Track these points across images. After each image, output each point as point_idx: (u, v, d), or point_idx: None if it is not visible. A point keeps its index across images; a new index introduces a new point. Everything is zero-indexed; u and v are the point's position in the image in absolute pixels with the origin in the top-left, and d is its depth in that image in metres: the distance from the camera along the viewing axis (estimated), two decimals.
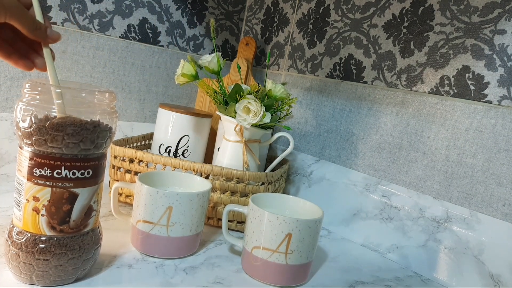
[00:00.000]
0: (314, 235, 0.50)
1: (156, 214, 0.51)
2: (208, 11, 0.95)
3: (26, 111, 0.38)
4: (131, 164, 0.66)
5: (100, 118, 0.41)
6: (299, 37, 0.89)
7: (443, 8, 0.64)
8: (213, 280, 0.49)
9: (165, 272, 0.49)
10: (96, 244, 0.44)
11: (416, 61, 0.67)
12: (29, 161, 0.39)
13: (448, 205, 0.62)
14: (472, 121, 0.60)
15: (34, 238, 0.39)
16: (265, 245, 0.50)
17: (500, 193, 0.57)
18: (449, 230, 0.60)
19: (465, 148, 0.61)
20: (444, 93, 0.64)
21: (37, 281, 0.40)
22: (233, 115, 0.66)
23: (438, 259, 0.61)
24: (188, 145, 0.75)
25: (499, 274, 0.55)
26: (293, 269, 0.50)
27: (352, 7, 0.78)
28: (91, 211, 0.42)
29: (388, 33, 0.72)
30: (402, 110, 0.69)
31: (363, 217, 0.71)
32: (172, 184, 0.60)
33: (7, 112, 0.73)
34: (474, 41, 0.60)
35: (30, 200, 0.39)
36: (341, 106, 0.79)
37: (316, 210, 0.55)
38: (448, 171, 0.63)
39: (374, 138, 0.73)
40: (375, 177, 0.72)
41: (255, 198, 0.55)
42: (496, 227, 0.56)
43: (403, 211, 0.66)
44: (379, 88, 0.73)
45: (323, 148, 0.82)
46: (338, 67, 0.80)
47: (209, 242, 0.60)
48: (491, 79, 0.58)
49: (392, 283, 0.58)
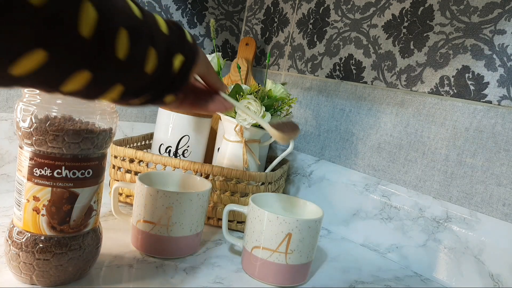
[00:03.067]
0: (314, 235, 0.50)
1: (156, 214, 0.51)
2: (208, 11, 0.95)
3: (26, 111, 0.38)
4: (131, 164, 0.66)
5: (100, 118, 0.41)
6: (299, 37, 0.89)
7: (443, 8, 0.64)
8: (213, 280, 0.49)
9: (165, 272, 0.49)
10: (96, 244, 0.44)
11: (416, 61, 0.67)
12: (30, 161, 0.39)
13: (448, 205, 0.62)
14: (472, 121, 0.60)
15: (34, 238, 0.39)
16: (265, 245, 0.50)
17: (500, 193, 0.57)
18: (449, 230, 0.60)
19: (465, 148, 0.61)
20: (444, 93, 0.64)
21: (37, 281, 0.40)
22: (233, 115, 0.66)
23: (438, 259, 0.61)
24: (188, 145, 0.76)
25: (499, 274, 0.55)
26: (293, 269, 0.50)
27: (352, 7, 0.78)
28: (91, 211, 0.42)
29: (388, 33, 0.72)
30: (402, 110, 0.69)
31: (363, 217, 0.71)
32: (172, 184, 0.60)
33: (7, 112, 0.73)
34: (474, 41, 0.60)
35: (30, 200, 0.39)
36: (341, 106, 0.79)
37: (316, 210, 0.55)
38: (448, 171, 0.63)
39: (374, 138, 0.73)
40: (375, 177, 0.72)
41: (255, 198, 0.55)
42: (496, 227, 0.56)
43: (403, 211, 0.66)
44: (379, 88, 0.73)
45: (323, 148, 0.82)
46: (338, 67, 0.80)
47: (209, 242, 0.60)
48: (491, 79, 0.58)
49: (392, 283, 0.58)
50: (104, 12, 0.26)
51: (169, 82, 0.35)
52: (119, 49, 0.28)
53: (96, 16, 0.25)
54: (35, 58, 0.23)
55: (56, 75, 0.25)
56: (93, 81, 0.27)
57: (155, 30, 0.32)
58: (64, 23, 0.23)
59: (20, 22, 0.21)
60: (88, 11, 0.24)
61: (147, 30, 0.31)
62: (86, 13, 0.24)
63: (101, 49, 0.26)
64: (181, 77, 0.35)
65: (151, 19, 0.32)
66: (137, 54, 0.30)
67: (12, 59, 0.22)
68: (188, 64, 0.35)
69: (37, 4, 0.21)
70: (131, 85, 0.31)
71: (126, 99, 0.32)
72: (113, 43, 0.27)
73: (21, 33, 0.21)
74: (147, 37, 0.30)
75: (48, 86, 0.26)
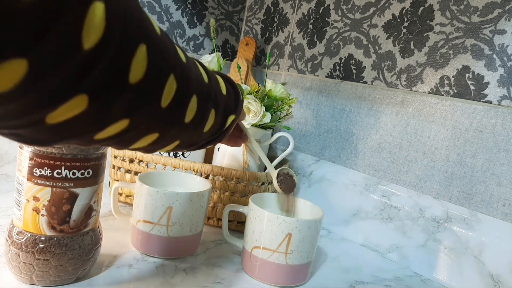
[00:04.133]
0: (314, 235, 0.50)
1: (156, 214, 0.51)
2: (208, 11, 0.95)
3: None
4: (131, 164, 0.66)
5: None
6: (299, 37, 0.89)
7: (443, 8, 0.64)
8: (213, 280, 0.49)
9: (165, 272, 0.49)
10: (96, 244, 0.44)
11: (416, 61, 0.67)
12: (29, 161, 0.39)
13: (448, 205, 0.62)
14: (472, 121, 0.60)
15: (34, 238, 0.39)
16: (265, 245, 0.50)
17: (500, 193, 0.57)
18: (449, 230, 0.60)
19: (465, 148, 0.61)
20: (444, 93, 0.64)
21: (37, 281, 0.40)
22: None
23: (438, 259, 0.61)
24: None
25: (499, 274, 0.55)
26: (293, 269, 0.50)
27: (352, 7, 0.78)
28: (91, 211, 0.42)
29: (388, 33, 0.72)
30: (402, 110, 0.69)
31: (363, 217, 0.71)
32: (172, 184, 0.60)
33: None
34: (474, 41, 0.60)
35: (30, 200, 0.39)
36: (341, 106, 0.79)
37: (316, 210, 0.55)
38: (448, 171, 0.63)
39: (374, 138, 0.73)
40: (375, 177, 0.72)
41: (255, 198, 0.55)
42: (496, 227, 0.56)
43: (403, 211, 0.66)
44: (379, 88, 0.73)
45: (323, 148, 0.82)
46: (338, 67, 0.80)
47: (209, 242, 0.60)
48: (491, 79, 0.58)
49: (392, 283, 0.58)
50: (182, 84, 0.27)
51: (217, 136, 0.38)
52: (188, 115, 0.30)
53: (176, 87, 0.26)
54: (119, 126, 0.24)
55: (131, 139, 0.27)
56: (157, 141, 0.29)
57: (218, 93, 0.34)
58: (151, 97, 0.24)
59: (117, 100, 0.22)
60: (172, 84, 0.26)
61: (212, 94, 0.33)
62: (170, 86, 0.26)
63: (173, 115, 0.28)
64: (228, 131, 0.40)
65: (215, 81, 0.35)
66: (201, 117, 0.32)
67: (101, 128, 0.23)
68: (235, 120, 0.40)
69: (133, 83, 0.22)
70: (187, 141, 0.34)
71: (177, 150, 0.35)
72: (184, 110, 0.29)
73: (117, 108, 0.22)
74: (211, 101, 0.33)
75: (120, 146, 0.28)
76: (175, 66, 0.26)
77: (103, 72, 0.19)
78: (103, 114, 0.22)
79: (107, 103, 0.21)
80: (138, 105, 0.24)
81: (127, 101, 0.22)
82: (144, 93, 0.23)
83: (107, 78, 0.20)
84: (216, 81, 0.35)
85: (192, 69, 0.30)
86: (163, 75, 0.25)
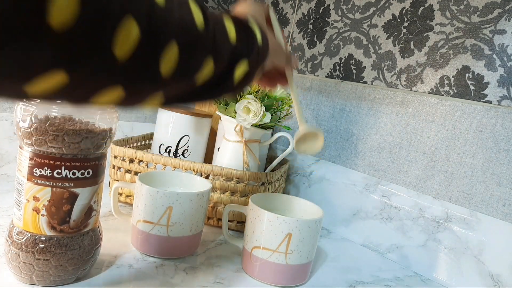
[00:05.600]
0: (314, 235, 0.50)
1: (156, 214, 0.51)
2: None
3: (26, 111, 0.38)
4: (131, 164, 0.66)
5: (100, 118, 0.41)
6: (299, 37, 0.89)
7: (443, 8, 0.64)
8: (213, 280, 0.49)
9: (165, 272, 0.49)
10: (96, 244, 0.44)
11: (416, 61, 0.67)
12: (29, 161, 0.39)
13: (448, 205, 0.62)
14: (472, 121, 0.60)
15: (34, 238, 0.39)
16: (265, 245, 0.50)
17: (500, 193, 0.57)
18: (449, 230, 0.60)
19: (465, 148, 0.61)
20: (444, 93, 0.64)
21: (37, 281, 0.40)
22: (233, 115, 0.66)
23: (438, 259, 0.61)
24: (188, 145, 0.75)
25: (499, 274, 0.55)
26: (293, 269, 0.50)
27: (352, 7, 0.78)
28: (91, 211, 0.42)
29: (388, 33, 0.72)
30: (402, 110, 0.69)
31: (363, 217, 0.71)
32: (172, 184, 0.60)
33: (7, 112, 0.73)
34: (474, 41, 0.60)
35: (30, 200, 0.39)
36: (341, 106, 0.79)
37: (316, 210, 0.55)
38: (448, 171, 0.63)
39: (374, 138, 0.73)
40: (375, 177, 0.72)
41: (255, 198, 0.55)
42: (496, 227, 0.56)
43: (403, 211, 0.66)
44: (379, 88, 0.73)
45: (323, 148, 0.82)
46: (338, 67, 0.80)
47: (209, 242, 0.60)
48: (491, 79, 0.58)
49: (392, 283, 0.58)
50: (150, 28, 0.23)
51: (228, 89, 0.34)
52: (164, 66, 0.25)
53: (138, 32, 0.22)
54: (54, 79, 0.20)
55: (80, 93, 0.23)
56: (126, 97, 0.25)
57: (220, 40, 0.30)
58: (91, 45, 0.20)
59: (38, 47, 0.19)
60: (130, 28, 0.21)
61: (208, 42, 0.28)
62: (127, 30, 0.21)
63: (138, 67, 0.24)
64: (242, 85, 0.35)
65: (218, 28, 0.30)
66: (187, 68, 0.27)
67: (26, 79, 0.20)
68: (254, 64, 0.34)
69: (58, 29, 0.18)
70: (174, 95, 0.29)
71: (170, 103, 0.31)
72: (156, 61, 0.24)
73: (38, 56, 0.19)
74: (205, 50, 0.28)
75: (72, 102, 0.24)
76: (135, 5, 0.21)
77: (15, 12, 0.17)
78: (23, 61, 0.19)
79: (23, 48, 0.18)
80: (72, 55, 0.20)
81: (52, 48, 0.19)
82: (78, 41, 0.20)
83: (22, 20, 0.17)
84: (220, 27, 0.30)
85: (175, 13, 0.25)
86: (112, 17, 0.20)
